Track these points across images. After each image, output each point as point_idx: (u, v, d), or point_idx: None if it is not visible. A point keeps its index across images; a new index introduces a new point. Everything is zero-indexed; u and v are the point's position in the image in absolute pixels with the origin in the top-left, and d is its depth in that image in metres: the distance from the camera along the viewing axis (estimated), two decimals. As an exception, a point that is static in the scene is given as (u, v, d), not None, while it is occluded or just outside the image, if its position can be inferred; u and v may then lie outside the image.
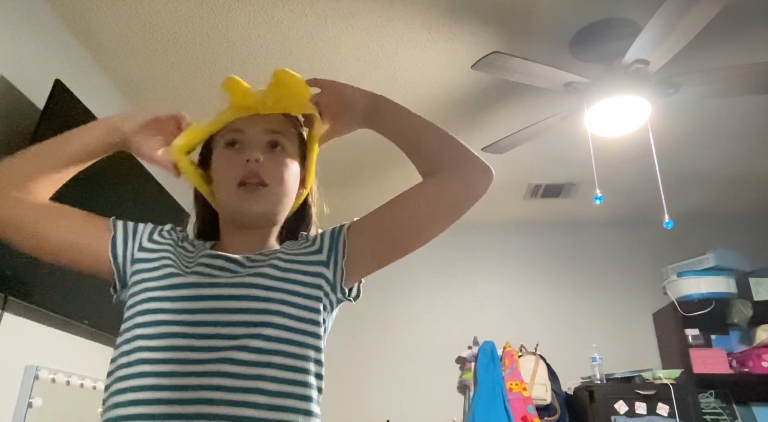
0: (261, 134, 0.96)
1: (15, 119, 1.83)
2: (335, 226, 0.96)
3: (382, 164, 3.25)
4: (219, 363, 0.78)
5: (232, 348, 0.79)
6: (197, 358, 0.78)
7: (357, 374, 3.65)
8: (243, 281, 0.87)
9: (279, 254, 0.93)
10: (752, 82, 2.13)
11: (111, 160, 1.05)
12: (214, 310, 0.83)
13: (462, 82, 2.50)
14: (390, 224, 0.93)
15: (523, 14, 2.11)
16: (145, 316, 0.83)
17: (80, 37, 2.21)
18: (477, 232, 4.00)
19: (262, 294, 0.85)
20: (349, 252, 0.92)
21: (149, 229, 0.98)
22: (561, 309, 3.80)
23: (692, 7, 1.74)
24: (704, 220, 3.92)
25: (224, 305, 0.84)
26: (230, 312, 0.83)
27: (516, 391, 3.23)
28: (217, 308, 0.83)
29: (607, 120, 2.24)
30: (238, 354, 0.79)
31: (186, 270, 0.89)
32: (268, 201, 0.94)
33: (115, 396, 0.79)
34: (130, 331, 0.83)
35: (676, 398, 3.06)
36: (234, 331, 0.81)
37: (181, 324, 0.82)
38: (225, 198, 0.95)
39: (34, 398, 1.80)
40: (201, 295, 0.85)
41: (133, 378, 0.79)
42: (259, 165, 0.93)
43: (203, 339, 0.80)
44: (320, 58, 2.34)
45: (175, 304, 0.84)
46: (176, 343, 0.80)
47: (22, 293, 1.76)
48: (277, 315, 0.83)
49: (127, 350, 0.82)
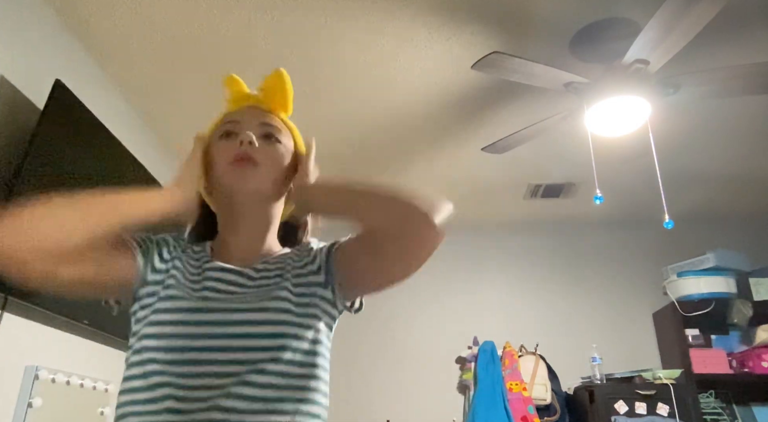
0: (255, 125, 0.97)
1: (15, 119, 1.83)
2: (327, 245, 0.96)
3: (382, 164, 3.25)
4: (235, 386, 0.78)
5: (248, 372, 0.79)
6: (208, 384, 0.78)
7: (357, 374, 3.65)
8: (261, 306, 0.85)
9: (286, 270, 0.92)
10: (752, 82, 2.13)
11: (111, 160, 1.04)
12: (226, 335, 0.82)
13: (462, 82, 2.50)
14: (363, 262, 0.91)
15: (523, 14, 2.11)
16: (159, 340, 0.82)
17: (80, 38, 2.21)
18: (477, 232, 4.01)
19: (280, 318, 0.84)
20: (340, 276, 0.91)
21: (158, 250, 0.94)
22: (561, 309, 3.80)
23: (692, 7, 1.74)
24: (704, 220, 3.92)
25: (239, 330, 0.82)
26: (246, 337, 0.82)
27: (516, 391, 3.23)
28: (230, 334, 0.82)
29: (607, 120, 2.23)
30: (255, 376, 0.79)
31: (194, 293, 0.87)
32: (260, 179, 0.93)
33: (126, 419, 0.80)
34: (140, 354, 0.82)
35: (676, 398, 3.07)
36: (249, 356, 0.80)
37: (193, 350, 0.81)
38: (219, 181, 0.94)
39: (34, 398, 1.79)
40: (213, 321, 0.83)
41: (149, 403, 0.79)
42: (252, 148, 0.93)
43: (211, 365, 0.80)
44: (320, 58, 2.34)
45: (188, 328, 0.82)
46: (191, 370, 0.79)
47: (22, 293, 1.75)
48: (287, 351, 0.83)
49: (139, 374, 0.81)
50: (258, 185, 0.93)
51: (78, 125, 2.04)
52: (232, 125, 0.97)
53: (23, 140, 1.82)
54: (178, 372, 0.79)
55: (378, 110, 2.72)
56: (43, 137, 1.82)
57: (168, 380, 0.78)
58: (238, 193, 0.93)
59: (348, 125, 2.84)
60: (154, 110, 2.69)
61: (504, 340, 3.53)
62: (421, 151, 3.10)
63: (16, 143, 1.81)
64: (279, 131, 0.98)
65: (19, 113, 1.85)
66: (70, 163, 1.99)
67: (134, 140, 2.63)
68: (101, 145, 2.18)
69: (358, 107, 2.69)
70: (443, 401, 3.57)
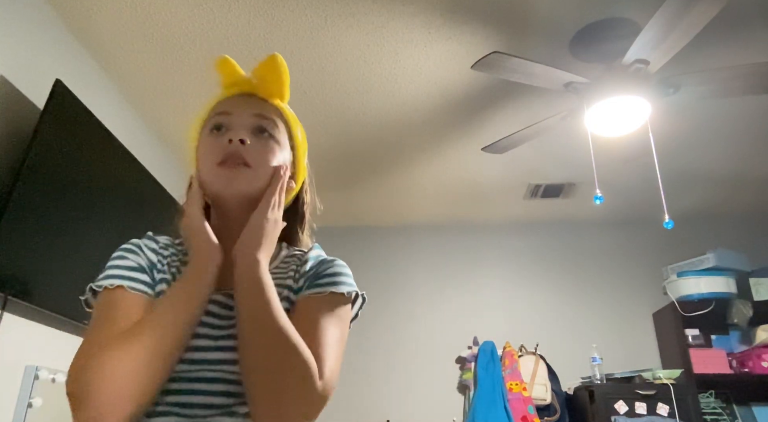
0: (248, 117, 0.90)
1: (15, 119, 1.83)
2: (308, 277, 0.88)
3: (382, 164, 3.25)
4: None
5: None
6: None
7: (357, 374, 3.65)
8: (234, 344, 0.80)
9: (286, 287, 0.87)
10: (752, 82, 2.13)
11: (111, 160, 1.03)
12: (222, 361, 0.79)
13: (462, 82, 2.50)
14: None
15: (523, 14, 2.11)
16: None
17: (80, 37, 2.21)
18: (477, 232, 4.01)
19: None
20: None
21: (150, 268, 0.87)
22: (561, 309, 3.80)
23: (692, 7, 1.74)
24: (704, 220, 3.92)
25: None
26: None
27: (516, 391, 3.23)
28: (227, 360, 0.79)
29: (607, 120, 2.23)
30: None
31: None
32: (250, 182, 0.86)
33: None
34: None
35: (676, 398, 3.07)
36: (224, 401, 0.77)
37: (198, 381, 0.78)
38: (206, 184, 0.87)
39: (34, 398, 1.80)
40: (210, 346, 0.80)
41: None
42: (243, 147, 0.85)
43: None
44: (320, 58, 2.34)
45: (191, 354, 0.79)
46: (191, 400, 0.77)
47: (22, 293, 1.75)
48: None
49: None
50: (248, 189, 0.86)
51: (78, 125, 2.04)
52: (224, 117, 0.90)
53: (23, 140, 1.82)
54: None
55: (378, 110, 2.72)
56: (43, 137, 1.82)
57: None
58: (226, 198, 0.87)
59: (348, 125, 2.84)
60: (154, 110, 2.69)
61: (504, 340, 3.53)
62: (421, 151, 3.10)
63: (16, 143, 1.81)
64: (274, 125, 0.91)
65: (19, 113, 1.85)
66: (70, 163, 1.99)
67: (134, 140, 2.63)
68: (101, 145, 2.18)
69: (358, 106, 2.68)
70: (443, 401, 3.57)
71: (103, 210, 2.16)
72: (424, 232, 4.01)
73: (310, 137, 1.01)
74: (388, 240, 4.01)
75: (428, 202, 3.73)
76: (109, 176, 2.22)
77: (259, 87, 0.94)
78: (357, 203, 3.74)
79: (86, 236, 2.04)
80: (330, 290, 0.84)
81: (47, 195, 1.85)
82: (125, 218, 2.30)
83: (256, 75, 0.94)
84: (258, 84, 0.94)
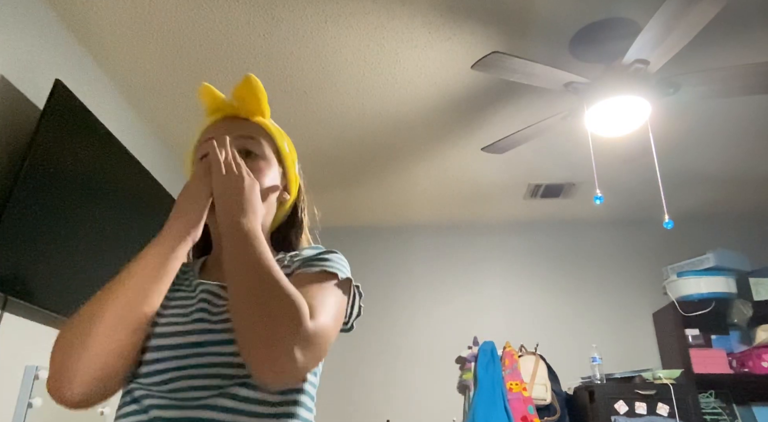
0: (233, 140, 0.93)
1: (15, 119, 1.83)
2: (299, 262, 0.90)
3: (382, 164, 3.25)
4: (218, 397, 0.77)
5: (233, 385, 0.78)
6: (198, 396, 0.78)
7: (357, 374, 3.65)
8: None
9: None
10: (752, 82, 2.13)
11: (111, 159, 1.04)
12: (213, 354, 0.81)
13: (462, 82, 2.50)
14: None
15: (522, 14, 2.11)
16: (150, 366, 0.82)
17: (80, 37, 2.21)
18: (477, 232, 4.01)
19: None
20: None
21: None
22: (561, 309, 3.80)
23: (692, 7, 1.74)
24: (704, 220, 3.92)
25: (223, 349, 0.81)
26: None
27: (516, 391, 3.23)
28: (218, 352, 0.81)
29: (607, 120, 2.23)
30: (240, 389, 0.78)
31: (188, 317, 0.85)
32: None
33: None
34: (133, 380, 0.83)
35: (676, 398, 3.07)
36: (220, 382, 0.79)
37: (188, 368, 0.80)
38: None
39: (34, 398, 1.79)
40: (204, 342, 0.82)
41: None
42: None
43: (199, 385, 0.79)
44: (320, 58, 2.34)
45: (182, 351, 0.81)
46: (180, 385, 0.79)
47: (22, 293, 1.75)
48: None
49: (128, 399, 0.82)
50: None
51: (78, 125, 2.04)
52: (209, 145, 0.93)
53: (23, 140, 1.82)
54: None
55: (378, 110, 2.72)
56: (43, 137, 1.82)
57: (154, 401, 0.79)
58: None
59: (348, 125, 2.84)
60: (154, 110, 2.69)
61: (504, 340, 3.53)
62: (421, 151, 3.10)
63: (16, 143, 1.82)
64: (257, 144, 0.97)
65: (19, 113, 1.85)
66: (70, 163, 1.99)
67: (134, 141, 2.63)
68: (101, 145, 2.18)
69: (357, 107, 2.68)
70: (443, 401, 3.57)
71: (103, 210, 2.16)
72: (424, 232, 4.01)
73: (309, 137, 1.03)
74: (388, 240, 4.01)
75: (428, 202, 3.73)
76: (109, 176, 2.22)
77: (240, 108, 1.00)
78: (357, 203, 3.74)
79: (86, 236, 2.04)
80: (323, 268, 0.86)
81: (47, 195, 1.85)
82: (125, 218, 2.30)
83: (235, 97, 1.00)
84: (239, 105, 1.00)
